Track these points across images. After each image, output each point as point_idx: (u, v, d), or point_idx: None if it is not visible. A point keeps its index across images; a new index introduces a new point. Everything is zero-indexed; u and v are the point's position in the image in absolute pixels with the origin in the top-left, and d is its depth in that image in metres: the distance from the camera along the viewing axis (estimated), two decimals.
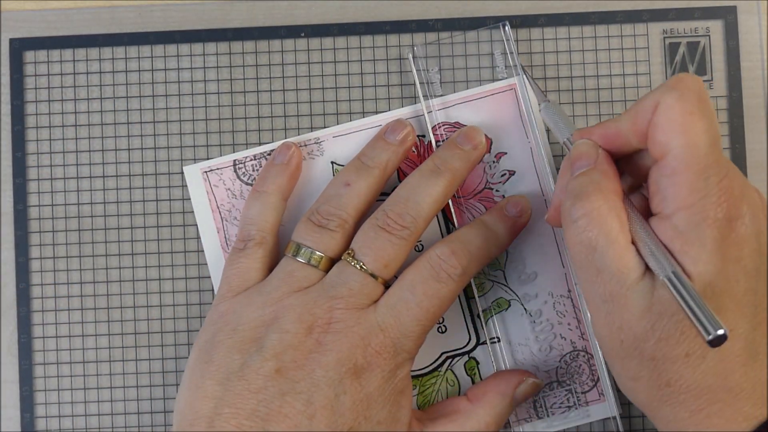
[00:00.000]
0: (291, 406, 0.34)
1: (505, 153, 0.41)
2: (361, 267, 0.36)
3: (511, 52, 0.41)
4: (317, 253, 0.37)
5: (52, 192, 0.42)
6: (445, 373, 0.41)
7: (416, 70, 0.41)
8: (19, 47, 0.42)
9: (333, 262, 0.37)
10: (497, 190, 0.41)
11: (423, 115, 0.41)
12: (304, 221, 0.38)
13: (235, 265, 0.38)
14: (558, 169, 0.41)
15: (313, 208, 0.38)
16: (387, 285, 0.37)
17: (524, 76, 0.41)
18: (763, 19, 0.42)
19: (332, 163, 0.41)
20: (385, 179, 0.39)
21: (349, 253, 0.37)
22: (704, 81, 0.42)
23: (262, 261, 0.38)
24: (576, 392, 0.40)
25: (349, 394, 0.35)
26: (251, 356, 0.35)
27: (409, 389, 0.37)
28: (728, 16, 0.42)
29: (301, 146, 0.41)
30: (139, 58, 0.42)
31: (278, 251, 0.40)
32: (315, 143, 0.41)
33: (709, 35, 0.42)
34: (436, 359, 0.41)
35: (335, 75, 0.42)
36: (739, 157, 0.42)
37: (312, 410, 0.34)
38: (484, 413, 0.38)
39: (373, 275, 0.36)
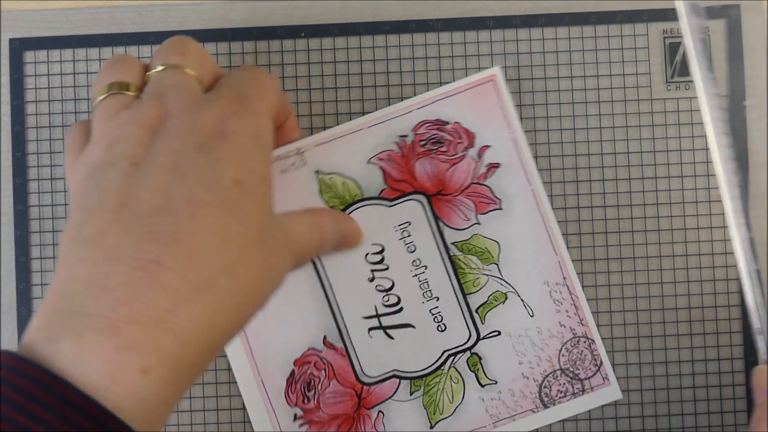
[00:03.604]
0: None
1: (489, 146, 0.41)
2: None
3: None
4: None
5: (52, 192, 0.42)
6: (448, 371, 0.41)
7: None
8: (19, 47, 0.42)
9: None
10: (484, 184, 0.41)
11: (411, 111, 0.41)
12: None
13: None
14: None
15: None
16: None
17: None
18: (764, 18, 0.42)
19: (317, 172, 0.41)
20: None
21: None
22: None
23: None
24: (580, 378, 0.41)
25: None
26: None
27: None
28: (731, 15, 0.42)
29: (282, 158, 0.40)
30: (138, 58, 0.42)
31: None
32: (296, 154, 0.41)
33: (709, 35, 0.42)
34: (438, 358, 0.41)
35: (335, 75, 0.42)
36: (739, 157, 0.42)
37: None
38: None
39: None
